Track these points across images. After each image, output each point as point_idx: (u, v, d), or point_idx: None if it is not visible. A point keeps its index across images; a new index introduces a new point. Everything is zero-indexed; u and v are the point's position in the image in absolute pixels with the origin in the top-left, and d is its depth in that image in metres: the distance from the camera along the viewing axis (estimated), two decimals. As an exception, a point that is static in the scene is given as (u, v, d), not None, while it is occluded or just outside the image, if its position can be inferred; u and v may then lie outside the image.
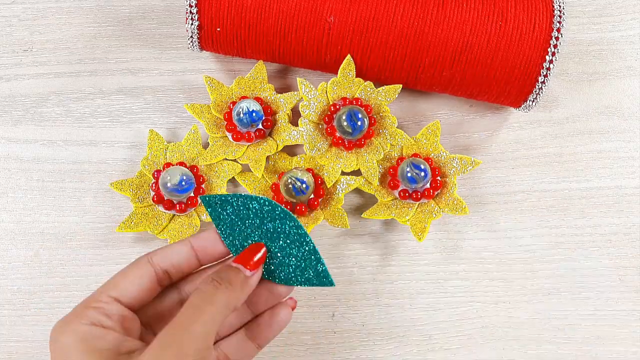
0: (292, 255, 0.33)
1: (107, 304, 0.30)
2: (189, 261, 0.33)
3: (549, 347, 0.44)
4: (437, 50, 0.42)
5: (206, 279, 0.31)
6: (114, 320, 0.30)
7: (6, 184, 0.46)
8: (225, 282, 0.30)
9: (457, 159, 0.45)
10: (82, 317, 0.30)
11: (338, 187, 0.44)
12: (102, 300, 0.31)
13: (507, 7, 0.42)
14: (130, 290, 0.31)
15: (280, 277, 0.34)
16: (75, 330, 0.29)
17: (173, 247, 0.33)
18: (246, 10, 0.42)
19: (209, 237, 0.34)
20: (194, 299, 0.30)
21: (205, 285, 0.30)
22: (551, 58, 0.41)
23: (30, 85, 0.48)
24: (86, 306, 0.30)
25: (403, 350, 0.43)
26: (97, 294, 0.31)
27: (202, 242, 0.33)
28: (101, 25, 0.50)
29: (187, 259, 0.33)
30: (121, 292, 0.31)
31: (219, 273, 0.31)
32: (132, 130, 0.47)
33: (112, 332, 0.30)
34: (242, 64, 0.49)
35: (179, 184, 0.42)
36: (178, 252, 0.33)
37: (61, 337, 0.29)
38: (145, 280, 0.32)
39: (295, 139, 0.45)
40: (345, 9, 0.42)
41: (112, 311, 0.30)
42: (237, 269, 0.32)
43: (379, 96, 0.45)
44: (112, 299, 0.31)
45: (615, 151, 0.49)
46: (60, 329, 0.30)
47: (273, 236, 0.34)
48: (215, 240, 0.34)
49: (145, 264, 0.32)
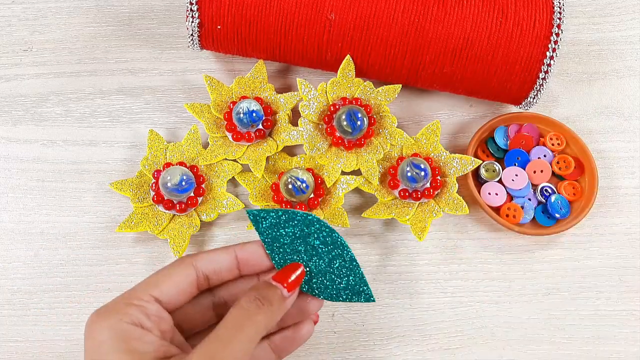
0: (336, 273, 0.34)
1: (148, 302, 0.30)
2: (231, 270, 0.33)
3: (549, 347, 0.44)
4: (437, 47, 0.42)
5: (249, 296, 0.30)
6: (152, 322, 0.29)
7: (6, 184, 0.46)
8: (267, 303, 0.30)
9: (457, 159, 0.45)
10: (123, 314, 0.29)
11: (338, 186, 0.44)
12: (144, 299, 0.30)
13: (507, 3, 0.42)
14: (171, 291, 0.31)
15: (321, 292, 0.34)
16: (114, 328, 0.28)
17: (218, 254, 0.33)
18: (247, 7, 0.42)
19: (255, 251, 0.33)
20: (235, 314, 0.29)
21: (248, 303, 0.30)
22: (552, 54, 0.41)
23: (30, 85, 0.48)
24: (127, 302, 0.29)
25: (403, 350, 0.43)
26: (139, 291, 0.30)
27: (246, 255, 0.33)
28: (101, 25, 0.50)
29: (230, 268, 0.33)
30: (162, 292, 0.30)
31: (260, 291, 0.31)
32: (132, 130, 0.47)
33: (150, 334, 0.29)
34: (242, 64, 0.49)
35: (179, 184, 0.42)
36: (222, 260, 0.33)
37: (98, 332, 0.28)
38: (186, 283, 0.31)
39: (295, 139, 0.45)
40: (346, 6, 0.42)
41: (152, 311, 0.30)
42: (277, 289, 0.31)
43: (379, 96, 0.45)
44: (153, 298, 0.30)
45: (615, 151, 0.49)
46: (97, 323, 0.29)
47: (317, 252, 0.34)
48: (260, 255, 0.34)
49: (189, 267, 0.32)
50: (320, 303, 0.34)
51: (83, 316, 0.43)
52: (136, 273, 0.44)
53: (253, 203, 0.44)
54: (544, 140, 0.47)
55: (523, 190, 0.45)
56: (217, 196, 0.44)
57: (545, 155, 0.46)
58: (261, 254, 0.34)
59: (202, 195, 0.44)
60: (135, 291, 0.30)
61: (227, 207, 0.44)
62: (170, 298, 0.31)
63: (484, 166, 0.46)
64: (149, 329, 0.29)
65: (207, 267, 0.32)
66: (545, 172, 0.46)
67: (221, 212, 0.44)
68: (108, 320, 0.28)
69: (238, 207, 0.44)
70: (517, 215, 0.44)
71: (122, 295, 0.30)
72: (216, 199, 0.44)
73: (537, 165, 0.46)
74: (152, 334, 0.29)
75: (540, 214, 0.45)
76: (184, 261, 0.32)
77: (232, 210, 0.44)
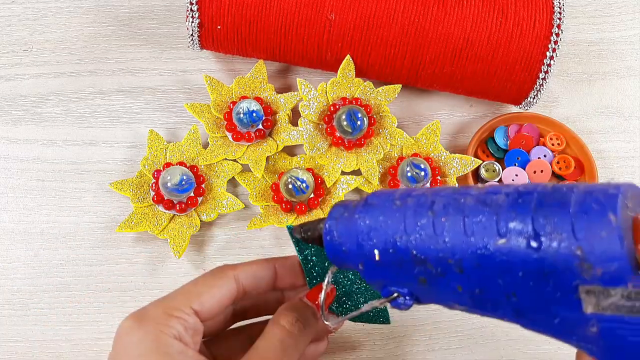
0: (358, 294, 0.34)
1: (189, 315, 0.28)
2: (268, 284, 0.32)
3: (549, 347, 0.44)
4: (437, 47, 0.42)
5: (290, 318, 0.29)
6: (189, 335, 0.28)
7: (6, 184, 0.46)
8: (307, 326, 0.30)
9: (457, 159, 0.45)
10: (164, 326, 0.27)
11: (338, 186, 0.44)
12: (185, 311, 0.28)
13: (507, 3, 0.42)
14: (210, 303, 0.29)
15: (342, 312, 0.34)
16: (157, 340, 0.26)
17: (260, 267, 0.31)
18: (247, 7, 0.42)
19: (293, 267, 0.33)
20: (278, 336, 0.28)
21: (291, 326, 0.29)
22: (552, 54, 0.41)
23: (30, 85, 0.48)
24: (168, 313, 0.28)
25: (403, 350, 0.43)
26: (180, 302, 0.28)
27: (285, 270, 0.32)
28: (101, 25, 0.50)
29: (268, 282, 0.32)
30: (203, 305, 0.29)
31: (300, 313, 0.30)
32: (132, 130, 0.47)
33: (189, 349, 0.27)
34: (242, 64, 0.49)
35: (179, 184, 0.42)
36: (264, 274, 0.31)
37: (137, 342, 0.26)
38: (227, 297, 0.30)
39: (295, 139, 0.45)
40: (346, 6, 0.42)
41: (190, 324, 0.28)
42: (313, 310, 0.31)
43: (379, 96, 0.45)
44: (193, 311, 0.28)
45: (615, 151, 0.49)
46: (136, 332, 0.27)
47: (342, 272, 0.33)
48: (297, 271, 0.33)
49: (231, 280, 0.30)
50: (341, 323, 0.34)
51: (83, 316, 0.43)
52: (136, 273, 0.44)
53: (253, 203, 0.44)
54: (544, 140, 0.47)
55: None
56: (217, 196, 0.44)
57: (545, 155, 0.46)
58: (298, 271, 0.33)
59: (202, 195, 0.44)
60: (175, 300, 0.28)
61: (227, 207, 0.44)
62: (209, 310, 0.29)
63: (484, 166, 0.46)
64: (187, 343, 0.28)
65: (248, 280, 0.31)
66: (545, 172, 0.46)
67: (221, 212, 0.44)
68: (148, 330, 0.27)
69: (238, 207, 0.44)
70: None
71: (161, 302, 0.29)
72: (216, 199, 0.44)
73: (537, 166, 0.46)
74: (191, 349, 0.27)
75: None
76: (225, 273, 0.30)
77: (232, 210, 0.44)
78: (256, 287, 0.31)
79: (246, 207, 0.45)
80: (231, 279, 0.30)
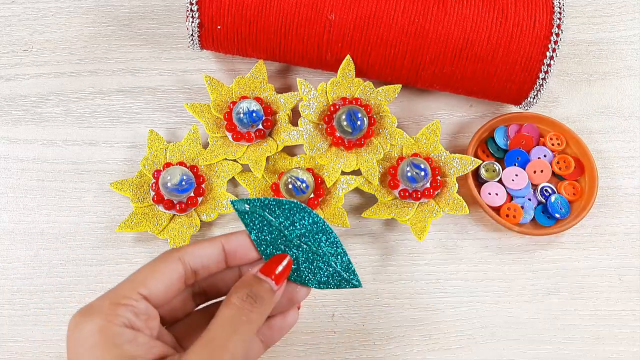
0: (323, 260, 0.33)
1: (137, 301, 0.28)
2: (219, 263, 0.32)
3: (548, 347, 0.44)
4: (437, 47, 0.42)
5: (240, 294, 0.29)
6: (142, 321, 0.28)
7: (6, 184, 0.46)
8: (259, 300, 0.29)
9: (457, 159, 0.45)
10: (112, 315, 0.27)
11: (338, 186, 0.44)
12: (133, 297, 0.28)
13: (507, 3, 0.42)
14: (158, 287, 0.29)
15: (309, 280, 0.34)
16: (104, 331, 0.26)
17: (204, 248, 0.31)
18: (247, 7, 0.42)
19: (242, 242, 0.32)
20: (229, 314, 0.29)
21: (241, 301, 0.29)
22: (552, 54, 0.41)
23: (30, 85, 0.48)
24: (115, 302, 0.28)
25: (403, 350, 0.43)
26: (126, 289, 0.28)
27: (233, 246, 0.32)
28: (101, 25, 0.50)
29: (217, 261, 0.32)
30: (150, 289, 0.29)
31: (252, 288, 0.30)
32: (132, 130, 0.47)
33: (142, 334, 0.27)
34: (242, 64, 0.49)
35: (179, 184, 0.42)
36: (210, 253, 0.31)
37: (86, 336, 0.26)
38: (174, 279, 0.30)
39: (295, 139, 0.45)
40: (346, 6, 0.42)
41: (141, 310, 0.28)
42: (267, 284, 0.31)
43: (379, 96, 0.45)
44: (141, 296, 0.28)
45: (615, 151, 0.49)
46: (84, 326, 0.27)
47: (303, 240, 0.33)
48: (247, 246, 0.33)
49: (176, 262, 0.30)
50: (308, 291, 0.34)
51: (83, 316, 0.43)
52: (136, 273, 0.44)
53: (253, 203, 0.44)
54: (544, 140, 0.47)
55: (523, 190, 0.45)
56: (217, 196, 0.44)
57: (545, 155, 0.46)
58: (248, 245, 0.33)
59: (202, 195, 0.44)
60: (121, 289, 0.28)
61: (227, 207, 0.44)
62: (159, 295, 0.29)
63: (484, 166, 0.46)
64: (139, 329, 0.28)
65: (195, 261, 0.31)
66: (545, 172, 0.46)
67: (221, 212, 0.44)
68: (95, 323, 0.27)
69: (238, 207, 0.44)
70: (517, 215, 0.44)
71: (107, 294, 0.28)
72: (216, 199, 0.44)
73: (537, 165, 0.46)
74: (143, 335, 0.28)
75: (540, 214, 0.45)
76: (170, 255, 0.30)
77: (232, 210, 0.44)
78: (206, 267, 0.31)
79: (246, 207, 0.45)
80: (176, 261, 0.30)
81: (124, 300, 0.28)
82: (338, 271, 0.34)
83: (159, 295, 0.29)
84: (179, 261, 0.30)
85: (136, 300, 0.28)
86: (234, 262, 0.33)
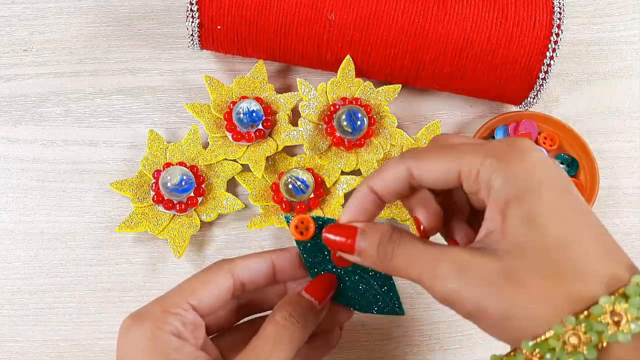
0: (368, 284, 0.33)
1: (186, 311, 0.29)
2: (267, 278, 0.32)
3: (549, 347, 0.44)
4: (437, 47, 0.42)
5: (284, 312, 0.30)
6: (189, 330, 0.28)
7: (6, 184, 0.46)
8: (302, 320, 0.30)
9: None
10: (162, 323, 0.28)
11: (338, 186, 0.44)
12: (182, 307, 0.29)
13: (507, 3, 0.42)
14: (208, 298, 0.30)
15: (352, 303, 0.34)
16: (154, 338, 0.27)
17: (255, 261, 0.32)
18: (247, 7, 0.42)
19: (291, 259, 0.33)
20: (271, 331, 0.29)
21: (284, 320, 0.29)
22: (552, 54, 0.41)
23: (30, 85, 0.48)
24: (165, 310, 0.28)
25: (403, 350, 0.43)
26: (176, 298, 0.29)
27: (282, 262, 0.32)
28: (101, 25, 0.50)
29: (266, 275, 0.32)
30: (199, 299, 0.29)
31: (295, 307, 0.30)
32: (132, 130, 0.47)
33: (188, 344, 0.28)
34: (242, 64, 0.49)
35: (179, 184, 0.42)
36: (259, 267, 0.32)
37: (136, 341, 0.27)
38: (224, 291, 0.30)
39: (295, 139, 0.45)
40: (346, 6, 0.42)
41: (189, 320, 0.29)
42: (311, 304, 0.31)
43: (379, 96, 0.45)
44: (190, 306, 0.29)
45: (615, 151, 0.49)
46: (134, 331, 0.28)
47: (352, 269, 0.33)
48: (296, 263, 0.33)
49: (226, 273, 0.30)
50: (351, 314, 0.34)
51: (83, 316, 0.43)
52: (136, 273, 0.44)
53: (253, 203, 0.44)
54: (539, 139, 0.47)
55: None
56: (217, 196, 0.44)
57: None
58: (297, 262, 0.33)
59: (202, 195, 0.44)
60: (171, 297, 0.29)
61: (227, 207, 0.44)
62: (207, 305, 0.30)
63: None
64: (186, 338, 0.28)
65: (245, 274, 0.31)
66: None
67: (221, 212, 0.44)
68: (145, 329, 0.27)
69: (238, 207, 0.44)
70: None
71: (158, 301, 0.29)
72: (216, 199, 0.44)
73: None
74: (189, 345, 0.28)
75: None
76: (221, 267, 0.31)
77: (232, 210, 0.44)
78: (254, 281, 0.32)
79: (246, 207, 0.45)
80: (227, 273, 0.31)
81: (173, 309, 0.28)
82: (382, 297, 0.34)
83: (207, 305, 0.30)
84: (229, 273, 0.31)
85: (185, 309, 0.29)
86: (281, 277, 0.33)
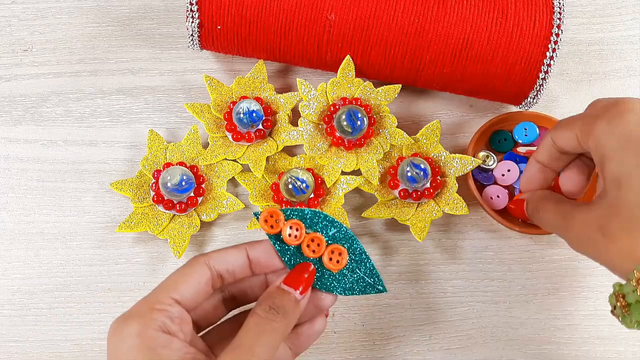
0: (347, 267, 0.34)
1: (171, 306, 0.29)
2: (243, 270, 0.33)
3: (549, 347, 0.44)
4: (437, 47, 0.42)
5: (264, 305, 0.31)
6: (177, 324, 0.29)
7: (6, 184, 0.46)
8: (282, 311, 0.30)
9: (457, 159, 0.45)
10: (148, 320, 0.28)
11: (338, 186, 0.44)
12: (166, 302, 0.29)
13: (507, 3, 0.42)
14: (190, 292, 0.30)
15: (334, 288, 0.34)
16: (141, 335, 0.28)
17: (230, 253, 0.33)
18: (247, 7, 0.42)
19: (266, 251, 0.33)
20: (254, 323, 0.30)
21: (264, 312, 0.30)
22: (552, 54, 0.41)
23: (30, 85, 0.48)
24: (150, 307, 0.29)
25: (403, 350, 0.43)
26: (160, 295, 0.30)
27: (257, 254, 0.33)
28: (101, 25, 0.50)
29: (242, 267, 0.33)
30: (182, 294, 0.30)
31: (274, 300, 0.31)
32: (132, 130, 0.47)
33: (177, 339, 0.29)
34: (242, 64, 0.49)
35: (179, 184, 0.42)
36: (235, 259, 0.32)
37: (125, 340, 0.28)
38: (203, 283, 0.31)
39: (295, 139, 0.45)
40: (346, 6, 0.42)
41: (175, 314, 0.29)
42: (290, 295, 0.31)
43: (379, 96, 0.45)
44: (174, 300, 0.30)
45: (615, 151, 0.48)
46: (122, 331, 0.28)
47: None
48: (271, 255, 0.33)
49: (203, 266, 0.31)
50: (334, 298, 0.34)
51: (83, 316, 0.43)
52: (136, 273, 0.44)
53: (253, 203, 0.44)
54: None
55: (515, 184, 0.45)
56: (217, 196, 0.44)
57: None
58: (272, 254, 0.33)
59: (202, 195, 0.44)
60: (155, 295, 0.30)
61: (227, 207, 0.44)
62: (190, 299, 0.30)
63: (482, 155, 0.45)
64: (174, 333, 0.29)
65: (221, 265, 0.32)
66: None
67: (221, 212, 0.44)
68: (133, 327, 0.28)
69: (238, 207, 0.44)
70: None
71: (143, 300, 0.30)
72: (216, 199, 0.44)
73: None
74: (178, 339, 0.29)
75: None
76: (197, 261, 0.32)
77: (232, 210, 0.44)
78: (231, 272, 0.32)
79: (246, 207, 0.45)
80: (203, 266, 0.31)
81: (158, 306, 0.29)
82: (362, 277, 0.34)
83: (190, 298, 0.30)
84: (205, 265, 0.32)
85: (170, 304, 0.29)
86: (258, 269, 0.34)
